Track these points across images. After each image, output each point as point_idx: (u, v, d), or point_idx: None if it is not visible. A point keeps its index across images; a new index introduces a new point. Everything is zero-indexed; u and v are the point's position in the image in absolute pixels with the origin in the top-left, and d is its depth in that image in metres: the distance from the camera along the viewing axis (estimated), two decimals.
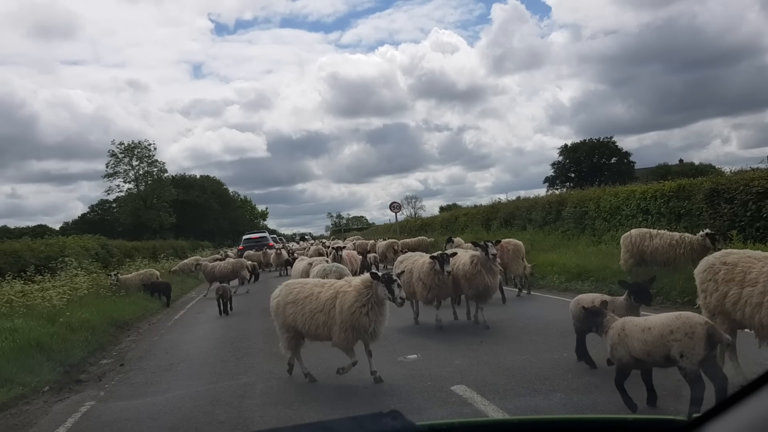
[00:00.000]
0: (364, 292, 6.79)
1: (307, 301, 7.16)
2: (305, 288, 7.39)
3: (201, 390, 7.67)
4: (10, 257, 19.84)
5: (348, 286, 7.00)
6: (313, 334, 7.27)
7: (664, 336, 4.83)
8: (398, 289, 6.66)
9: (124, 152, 63.18)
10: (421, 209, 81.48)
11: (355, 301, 6.78)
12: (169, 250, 40.02)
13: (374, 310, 6.76)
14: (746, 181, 14.18)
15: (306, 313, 7.10)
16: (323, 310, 6.97)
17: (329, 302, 6.96)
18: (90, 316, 12.75)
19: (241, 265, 20.66)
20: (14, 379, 8.22)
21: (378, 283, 6.73)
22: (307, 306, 7.12)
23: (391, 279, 6.72)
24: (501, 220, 28.66)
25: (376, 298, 6.73)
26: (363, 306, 6.74)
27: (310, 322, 7.07)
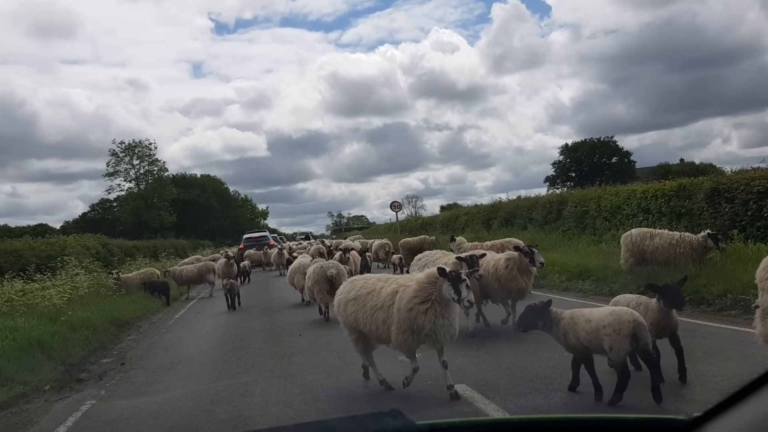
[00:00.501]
0: (426, 288, 6.08)
1: (369, 297, 6.55)
2: (368, 283, 6.73)
3: (201, 389, 7.68)
4: (10, 256, 19.85)
5: (410, 280, 6.38)
6: (375, 335, 6.61)
7: (599, 330, 5.40)
8: (466, 289, 5.92)
9: (124, 151, 63.19)
10: (421, 208, 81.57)
11: (413, 297, 6.08)
12: (170, 249, 40.02)
13: (434, 310, 5.98)
14: (747, 180, 14.16)
15: (366, 311, 6.50)
16: (383, 308, 6.34)
17: (389, 298, 6.32)
18: (91, 315, 12.76)
19: (207, 269, 20.94)
20: (15, 378, 8.23)
21: (443, 280, 5.97)
22: (368, 303, 6.51)
23: (459, 278, 5.96)
24: (502, 220, 28.65)
25: (439, 297, 5.99)
26: (422, 303, 6.01)
27: (371, 320, 6.46)
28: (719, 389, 5.29)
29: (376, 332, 6.48)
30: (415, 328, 6.01)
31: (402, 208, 45.90)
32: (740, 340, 7.48)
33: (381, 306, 6.35)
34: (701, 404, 4.92)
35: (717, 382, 5.45)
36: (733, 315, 8.96)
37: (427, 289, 6.05)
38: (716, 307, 9.73)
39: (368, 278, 6.98)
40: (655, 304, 5.93)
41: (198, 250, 45.46)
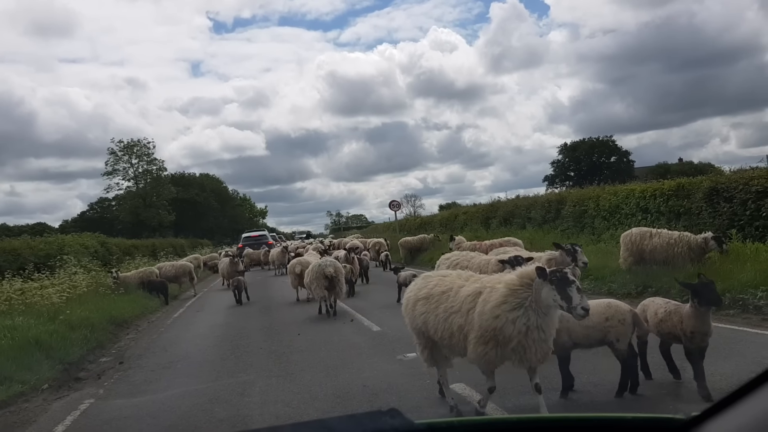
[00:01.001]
0: (517, 292, 4.91)
1: (443, 297, 5.40)
2: (444, 281, 5.60)
3: (200, 388, 7.68)
4: (9, 255, 19.83)
5: (498, 281, 5.20)
6: (447, 344, 5.44)
7: (601, 323, 5.51)
8: (578, 294, 4.68)
9: (123, 150, 63.13)
10: (420, 208, 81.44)
11: (502, 302, 4.91)
12: (169, 249, 39.96)
13: (527, 320, 4.82)
14: (745, 180, 14.17)
15: (439, 314, 5.35)
16: (460, 311, 5.18)
17: (469, 300, 5.16)
18: (89, 314, 12.75)
19: (183, 271, 21.12)
20: (13, 377, 8.23)
21: (543, 282, 4.78)
22: (442, 304, 5.37)
23: (566, 279, 4.74)
24: (500, 219, 28.64)
25: (536, 303, 4.83)
26: (513, 310, 4.85)
27: (444, 326, 5.30)
28: (717, 388, 5.30)
29: (449, 341, 5.34)
30: (500, 340, 4.89)
31: (401, 208, 45.86)
32: (738, 339, 7.49)
33: (458, 309, 5.22)
34: (699, 403, 4.93)
35: (715, 382, 5.45)
36: (732, 314, 8.97)
37: (520, 294, 4.91)
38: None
39: (445, 275, 5.83)
40: (689, 308, 5.49)
41: (197, 249, 45.40)
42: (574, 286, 4.69)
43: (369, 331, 10.50)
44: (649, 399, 5.54)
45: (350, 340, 9.84)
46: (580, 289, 4.73)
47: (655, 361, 6.15)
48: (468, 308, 5.12)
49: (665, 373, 5.99)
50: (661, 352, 6.02)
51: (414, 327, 5.76)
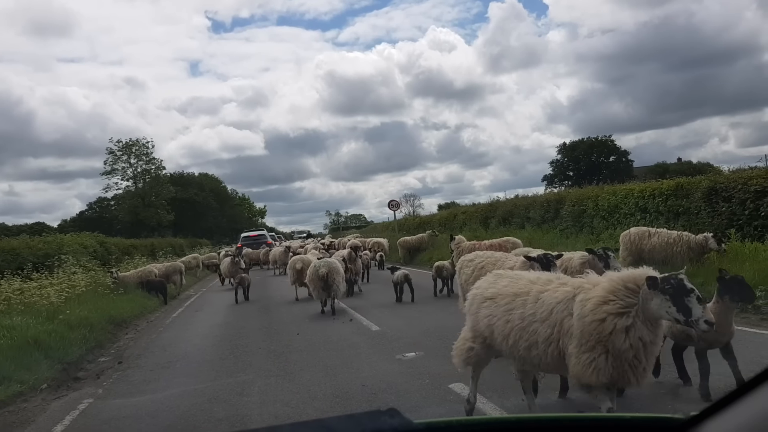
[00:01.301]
0: (621, 297, 4.13)
1: (517, 302, 4.66)
2: (517, 283, 4.87)
3: (199, 388, 7.68)
4: (8, 255, 19.80)
5: (590, 283, 4.39)
6: (523, 355, 4.63)
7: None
8: (698, 305, 3.96)
9: (122, 150, 63.10)
10: (419, 207, 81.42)
11: (603, 300, 4.15)
12: (168, 248, 39.93)
13: (637, 330, 4.05)
14: (744, 179, 14.19)
15: (513, 321, 4.61)
16: (548, 320, 4.40)
17: (561, 308, 4.37)
18: (88, 314, 12.75)
19: (174, 270, 21.12)
20: (12, 377, 8.22)
21: (654, 293, 4.03)
22: (517, 309, 4.62)
23: (683, 287, 4.02)
24: (499, 219, 28.65)
25: (644, 313, 4.07)
26: (619, 315, 4.08)
27: (520, 335, 4.55)
28: (716, 388, 5.31)
29: (526, 352, 4.55)
30: (610, 350, 4.09)
31: (400, 207, 45.85)
32: (737, 339, 7.48)
33: (546, 318, 4.42)
34: (698, 403, 4.94)
35: (714, 381, 5.45)
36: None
37: (624, 298, 4.13)
38: None
39: (518, 276, 5.10)
40: (714, 304, 5.15)
41: (196, 249, 45.37)
42: (693, 296, 3.96)
43: (368, 331, 10.50)
44: (648, 398, 5.54)
45: (349, 340, 9.85)
46: (700, 299, 4.00)
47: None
48: (561, 317, 4.33)
49: (665, 373, 6.00)
50: (673, 355, 5.90)
51: (475, 328, 5.15)
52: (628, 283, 4.16)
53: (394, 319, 11.48)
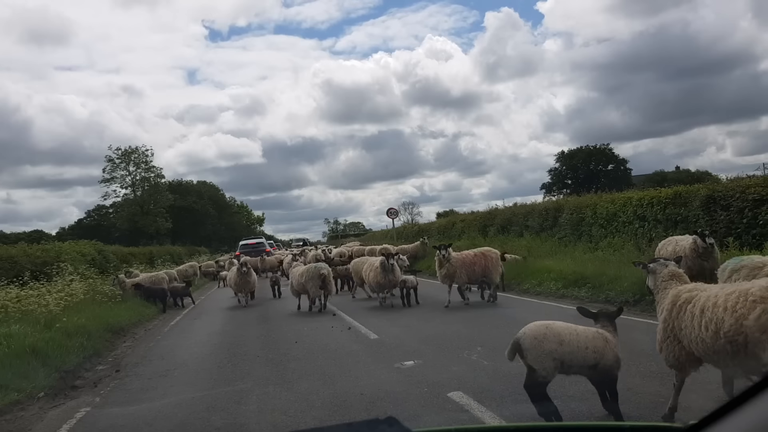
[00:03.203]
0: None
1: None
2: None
3: (197, 396, 7.65)
4: (5, 263, 19.73)
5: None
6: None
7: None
8: None
9: (121, 158, 63.15)
10: (418, 215, 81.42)
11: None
12: (166, 256, 39.89)
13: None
14: (742, 188, 14.24)
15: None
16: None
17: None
18: (86, 322, 12.70)
19: (158, 280, 20.57)
20: (9, 385, 8.18)
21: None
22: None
23: None
24: (498, 227, 28.68)
25: None
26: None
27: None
28: (715, 397, 5.30)
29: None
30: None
31: (398, 215, 45.87)
32: None
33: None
34: (697, 411, 4.93)
35: (713, 390, 5.44)
36: None
37: None
38: None
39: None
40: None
41: (194, 257, 45.34)
42: None
43: (366, 339, 10.48)
44: (647, 407, 5.53)
45: (348, 348, 9.82)
46: None
47: (653, 370, 6.14)
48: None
49: (664, 382, 5.98)
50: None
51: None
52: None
53: (392, 327, 11.46)
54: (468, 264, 13.69)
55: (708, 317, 4.45)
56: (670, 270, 5.36)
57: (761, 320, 4.01)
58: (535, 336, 5.13)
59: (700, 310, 4.57)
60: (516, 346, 5.18)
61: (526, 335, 5.16)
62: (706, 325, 4.45)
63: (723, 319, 4.30)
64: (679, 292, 4.98)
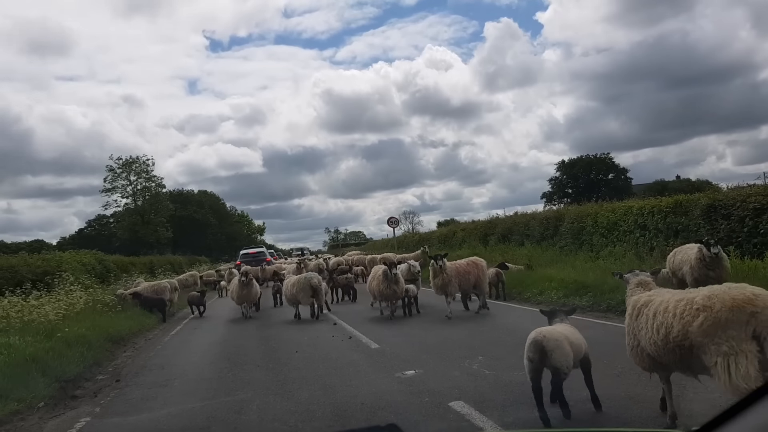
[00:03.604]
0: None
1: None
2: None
3: (197, 406, 7.62)
4: (6, 272, 19.73)
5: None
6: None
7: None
8: None
9: (122, 167, 63.20)
10: (418, 224, 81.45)
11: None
12: (167, 266, 39.87)
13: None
14: (743, 197, 14.25)
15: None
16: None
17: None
18: (86, 332, 12.68)
19: (160, 289, 20.18)
20: (9, 395, 8.16)
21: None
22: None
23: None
24: (499, 236, 28.67)
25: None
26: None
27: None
28: (716, 404, 5.27)
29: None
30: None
31: (399, 224, 45.86)
32: None
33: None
34: (699, 418, 4.91)
35: (715, 399, 5.42)
36: None
37: None
38: None
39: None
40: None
41: (195, 266, 45.31)
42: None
43: (367, 348, 10.46)
44: (648, 413, 5.51)
45: (348, 358, 9.80)
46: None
47: (656, 378, 6.11)
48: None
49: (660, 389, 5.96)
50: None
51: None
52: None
53: (393, 336, 11.44)
54: (462, 273, 13.70)
55: (659, 321, 4.85)
56: (638, 279, 5.83)
57: (703, 327, 4.46)
58: (556, 338, 5.53)
59: (653, 313, 4.97)
60: (540, 349, 5.46)
61: (547, 338, 5.51)
62: (658, 328, 4.86)
63: (672, 324, 4.72)
64: (639, 298, 5.37)
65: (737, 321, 4.36)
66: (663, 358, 4.94)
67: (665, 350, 4.82)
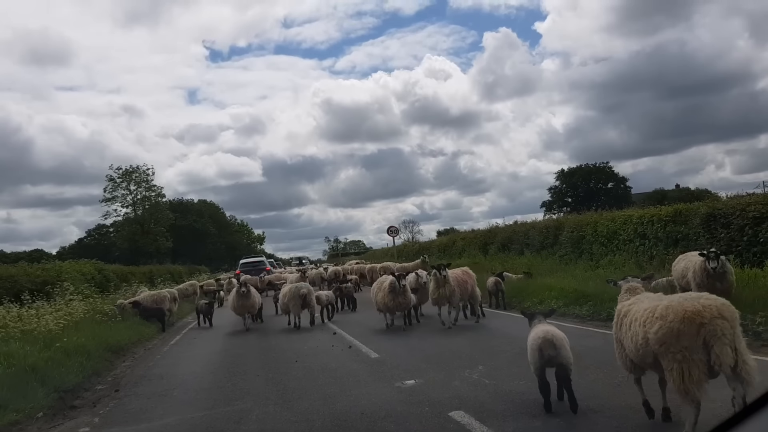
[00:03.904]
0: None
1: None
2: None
3: (196, 416, 7.60)
4: (6, 282, 19.70)
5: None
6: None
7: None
8: None
9: (122, 177, 63.26)
10: (418, 233, 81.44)
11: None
12: (166, 275, 39.82)
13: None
14: (742, 206, 14.26)
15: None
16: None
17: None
18: (85, 341, 12.65)
19: (160, 298, 20.08)
20: (8, 405, 8.13)
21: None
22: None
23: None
24: (498, 245, 28.67)
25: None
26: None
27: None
28: (717, 414, 5.26)
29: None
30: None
31: (399, 233, 45.85)
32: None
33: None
34: (700, 428, 4.89)
35: (715, 408, 5.41)
36: None
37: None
38: None
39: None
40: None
41: (194, 276, 45.25)
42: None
43: (367, 358, 10.43)
44: (649, 423, 5.49)
45: (348, 367, 9.78)
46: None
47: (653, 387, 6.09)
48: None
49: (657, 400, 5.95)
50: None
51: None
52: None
53: (393, 346, 11.41)
54: (461, 282, 13.66)
55: (634, 330, 5.25)
56: (628, 285, 6.16)
57: (658, 335, 4.88)
58: (561, 337, 6.18)
59: (630, 322, 5.36)
60: (553, 345, 6.06)
61: (555, 337, 6.15)
62: (632, 336, 5.27)
63: (638, 332, 5.16)
64: (623, 306, 5.72)
65: (688, 332, 4.75)
66: (642, 363, 5.33)
67: (638, 356, 5.25)
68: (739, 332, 4.92)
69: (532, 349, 6.20)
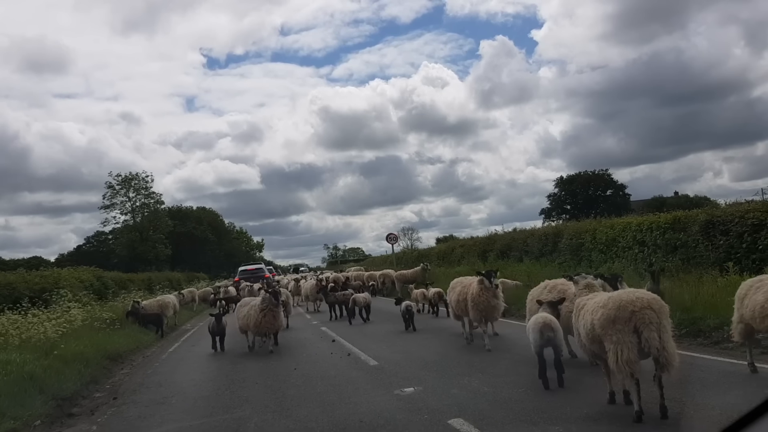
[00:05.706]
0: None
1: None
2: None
3: (195, 424, 7.58)
4: (4, 289, 19.69)
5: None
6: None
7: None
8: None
9: (121, 184, 63.27)
10: (417, 241, 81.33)
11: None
12: (165, 282, 39.75)
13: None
14: (741, 213, 14.27)
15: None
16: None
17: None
18: (84, 349, 12.63)
19: (166, 304, 20.10)
20: (6, 413, 8.11)
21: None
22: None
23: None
24: (498, 252, 28.65)
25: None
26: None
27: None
28: (717, 422, 5.26)
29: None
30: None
31: (398, 241, 45.83)
32: (737, 372, 7.46)
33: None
34: (705, 429, 4.89)
35: (714, 416, 5.41)
36: (730, 348, 8.92)
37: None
38: (712, 340, 9.71)
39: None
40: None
41: (193, 283, 45.18)
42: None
43: (366, 366, 10.41)
44: (650, 427, 5.49)
45: (347, 375, 9.76)
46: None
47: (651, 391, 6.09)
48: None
49: (669, 399, 5.94)
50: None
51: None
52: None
53: (392, 353, 11.39)
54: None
55: (585, 319, 6.24)
56: (585, 282, 7.21)
57: (600, 320, 5.88)
58: (558, 324, 7.33)
59: (584, 313, 6.33)
60: (550, 329, 7.19)
61: (552, 321, 7.32)
62: (584, 324, 6.25)
63: (588, 320, 6.15)
64: (581, 300, 6.71)
65: (622, 317, 5.71)
66: (593, 347, 6.28)
67: (591, 340, 6.17)
68: (666, 322, 5.75)
69: (534, 331, 7.20)
